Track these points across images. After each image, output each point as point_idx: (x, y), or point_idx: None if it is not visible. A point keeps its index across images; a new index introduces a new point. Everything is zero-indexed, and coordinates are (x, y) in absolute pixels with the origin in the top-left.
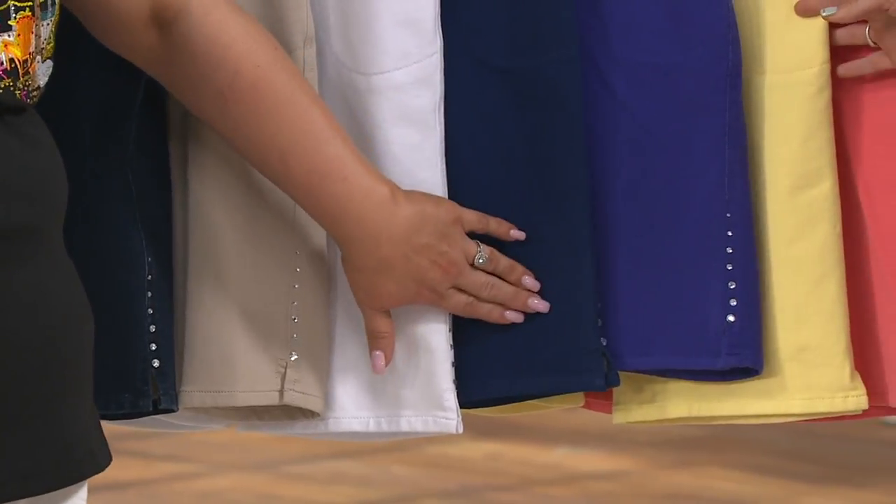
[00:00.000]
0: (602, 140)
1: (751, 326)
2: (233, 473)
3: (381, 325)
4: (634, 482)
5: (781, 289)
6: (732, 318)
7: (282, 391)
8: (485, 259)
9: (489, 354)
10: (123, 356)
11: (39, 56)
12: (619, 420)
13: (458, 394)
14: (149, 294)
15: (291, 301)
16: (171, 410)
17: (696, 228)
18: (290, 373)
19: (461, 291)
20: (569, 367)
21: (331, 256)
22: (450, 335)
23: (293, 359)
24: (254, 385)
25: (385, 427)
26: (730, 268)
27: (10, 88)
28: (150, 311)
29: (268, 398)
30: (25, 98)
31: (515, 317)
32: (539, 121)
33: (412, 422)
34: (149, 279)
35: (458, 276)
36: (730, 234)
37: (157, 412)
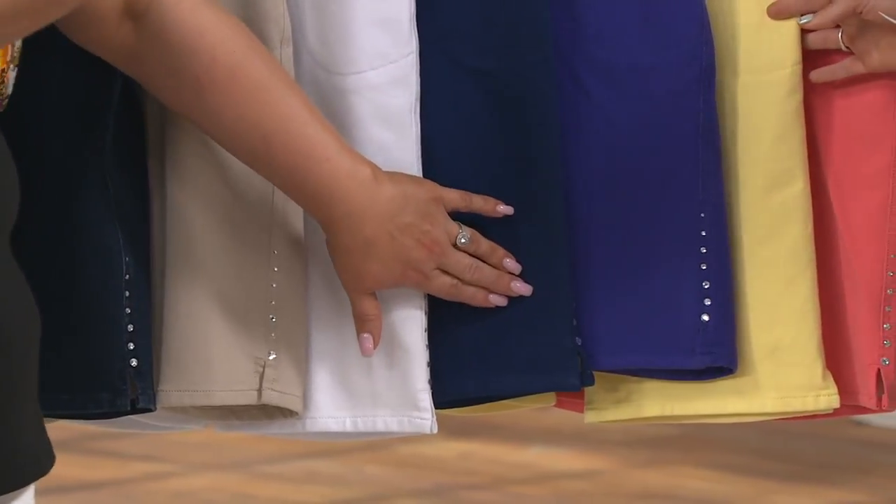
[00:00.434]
0: (576, 141)
1: (725, 325)
2: (207, 473)
3: (369, 308)
4: (607, 481)
5: (754, 288)
6: (707, 318)
7: (260, 390)
8: (467, 239)
9: (463, 354)
10: (101, 355)
11: (13, 63)
12: (592, 419)
13: (432, 394)
14: (126, 293)
15: (269, 300)
16: (149, 410)
17: (671, 228)
18: (269, 372)
19: (445, 273)
20: (543, 367)
21: (308, 256)
22: (425, 335)
23: (272, 358)
24: (232, 384)
25: (361, 427)
26: (704, 267)
27: None
28: (128, 311)
29: (246, 397)
30: None
31: (499, 300)
32: (514, 122)
33: (388, 422)
34: (126, 278)
35: (442, 256)
36: (704, 234)
37: (135, 412)
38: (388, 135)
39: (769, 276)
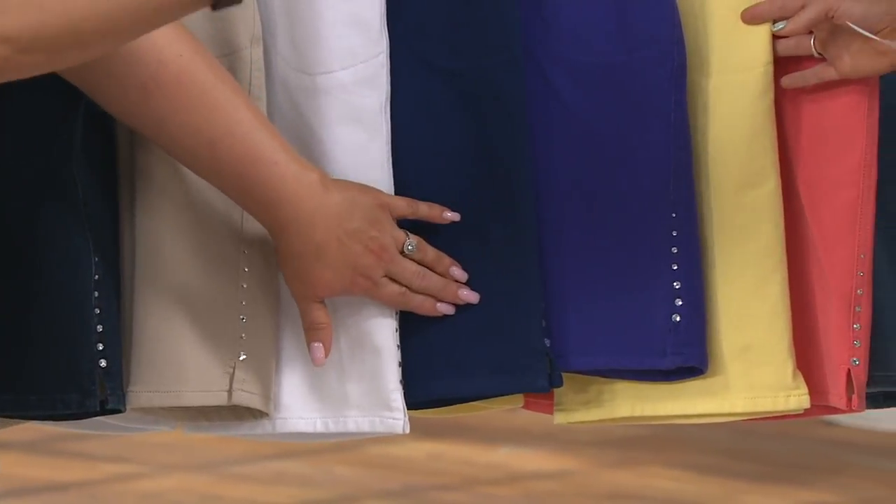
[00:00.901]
0: (547, 140)
1: (696, 326)
2: (175, 474)
3: (319, 316)
4: (577, 481)
5: (725, 288)
6: (678, 318)
7: (230, 391)
8: (413, 247)
9: (432, 356)
10: (70, 356)
11: None
12: (561, 420)
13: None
14: (95, 294)
15: (240, 300)
16: (119, 411)
17: (642, 228)
18: (239, 373)
19: (393, 282)
20: (512, 368)
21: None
22: (397, 335)
23: (242, 359)
24: (202, 385)
25: (332, 427)
26: (675, 267)
27: None
28: (97, 311)
29: (216, 398)
30: None
31: (447, 308)
32: (483, 121)
33: (359, 422)
34: (95, 279)
35: (390, 263)
36: (675, 234)
37: (105, 413)
38: (359, 135)
39: (740, 276)
